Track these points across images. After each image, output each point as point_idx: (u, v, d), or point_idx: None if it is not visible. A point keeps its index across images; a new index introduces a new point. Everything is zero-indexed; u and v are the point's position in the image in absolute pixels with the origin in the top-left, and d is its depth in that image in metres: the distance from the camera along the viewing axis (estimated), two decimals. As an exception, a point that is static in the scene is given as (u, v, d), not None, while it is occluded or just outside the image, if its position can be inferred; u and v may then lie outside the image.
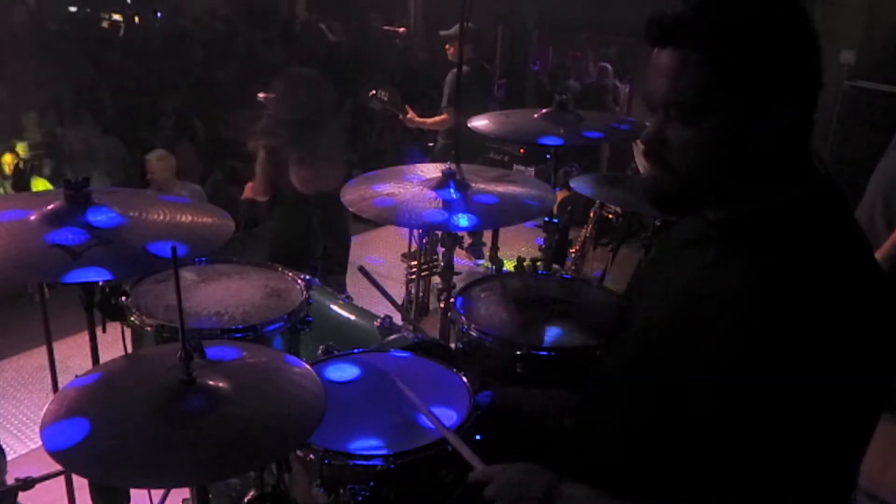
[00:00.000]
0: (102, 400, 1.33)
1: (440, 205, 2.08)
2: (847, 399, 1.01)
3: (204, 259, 2.29)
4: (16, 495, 2.21)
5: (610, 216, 3.74)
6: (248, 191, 3.48)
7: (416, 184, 2.22)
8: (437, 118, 4.77)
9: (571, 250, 3.63)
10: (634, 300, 1.37)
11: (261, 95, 3.55)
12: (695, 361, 1.09)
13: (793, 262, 1.05)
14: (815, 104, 1.10)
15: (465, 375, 1.71)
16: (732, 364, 1.04)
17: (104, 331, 1.98)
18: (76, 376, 1.42)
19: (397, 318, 2.22)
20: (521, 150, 5.88)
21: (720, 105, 1.06)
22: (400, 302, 3.02)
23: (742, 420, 1.03)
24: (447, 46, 4.82)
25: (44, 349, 2.31)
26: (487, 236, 4.80)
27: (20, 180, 5.43)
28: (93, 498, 2.25)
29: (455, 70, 4.70)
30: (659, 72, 1.10)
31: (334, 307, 2.31)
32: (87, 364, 1.87)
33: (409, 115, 4.62)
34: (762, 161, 1.10)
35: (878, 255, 3.00)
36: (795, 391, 1.00)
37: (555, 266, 3.57)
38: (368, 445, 1.49)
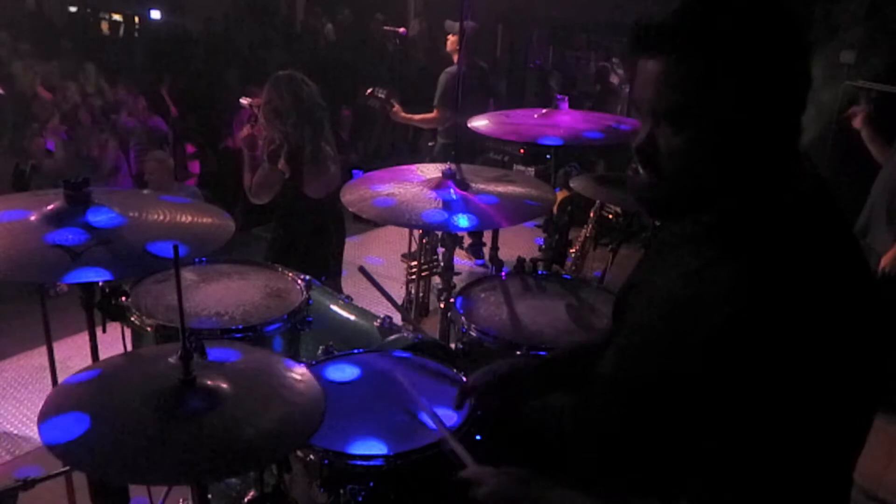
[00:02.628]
0: (102, 396, 1.33)
1: (440, 205, 2.08)
2: (836, 399, 1.01)
3: (204, 259, 2.29)
4: (16, 495, 2.21)
5: (610, 216, 3.74)
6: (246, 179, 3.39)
7: (416, 184, 2.22)
8: (425, 115, 4.75)
9: (571, 250, 3.62)
10: (627, 300, 1.37)
11: (244, 100, 3.53)
12: (685, 362, 1.09)
13: (780, 264, 1.05)
14: (804, 104, 1.10)
15: (465, 375, 1.71)
16: (721, 365, 1.04)
17: (104, 331, 1.99)
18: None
19: (397, 318, 2.22)
20: (521, 150, 5.87)
21: (710, 110, 1.06)
22: (400, 302, 3.02)
23: (732, 421, 1.03)
24: (449, 36, 4.80)
25: (44, 349, 2.31)
26: (487, 236, 4.80)
27: (20, 182, 5.43)
28: (92, 498, 2.25)
29: (449, 70, 4.70)
30: (648, 79, 1.10)
31: (334, 307, 2.31)
32: (87, 364, 1.87)
33: (395, 109, 4.60)
34: (753, 163, 1.10)
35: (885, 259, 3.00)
36: (784, 392, 1.00)
37: (555, 266, 3.57)
38: (368, 446, 1.49)
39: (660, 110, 1.09)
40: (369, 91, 4.52)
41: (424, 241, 4.04)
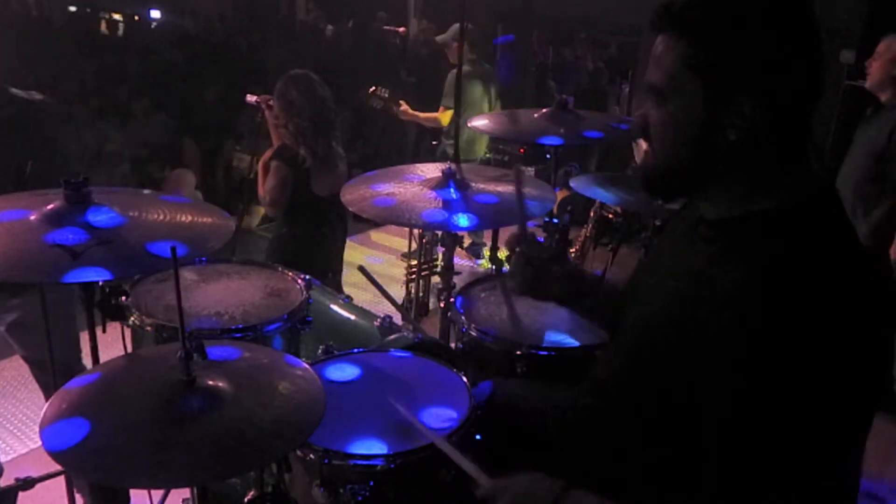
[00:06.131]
0: (102, 400, 1.33)
1: (440, 205, 2.08)
2: (843, 398, 1.01)
3: (204, 259, 2.29)
4: (16, 495, 2.21)
5: (610, 216, 3.74)
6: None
7: (416, 184, 2.22)
8: (431, 113, 4.75)
9: (571, 250, 3.62)
10: (631, 300, 1.37)
11: (251, 98, 3.53)
12: (690, 362, 1.09)
13: (787, 262, 1.05)
14: (806, 108, 1.11)
15: (465, 375, 1.71)
16: (727, 365, 1.04)
17: (104, 331, 1.98)
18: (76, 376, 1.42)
19: (397, 318, 2.22)
20: (521, 150, 5.87)
21: (682, 91, 1.11)
22: (400, 302, 3.02)
23: (738, 420, 1.03)
24: (450, 45, 4.81)
25: (44, 349, 2.31)
26: (487, 236, 4.79)
27: (19, 181, 5.40)
28: (92, 498, 2.25)
29: (456, 69, 4.70)
30: (650, 56, 1.16)
31: (334, 307, 2.31)
32: (87, 364, 1.86)
33: (402, 108, 4.60)
34: (735, 155, 1.11)
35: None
36: (791, 391, 1.00)
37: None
38: (368, 445, 1.49)
39: (647, 84, 1.16)
40: (372, 89, 4.49)
41: (424, 241, 4.03)
